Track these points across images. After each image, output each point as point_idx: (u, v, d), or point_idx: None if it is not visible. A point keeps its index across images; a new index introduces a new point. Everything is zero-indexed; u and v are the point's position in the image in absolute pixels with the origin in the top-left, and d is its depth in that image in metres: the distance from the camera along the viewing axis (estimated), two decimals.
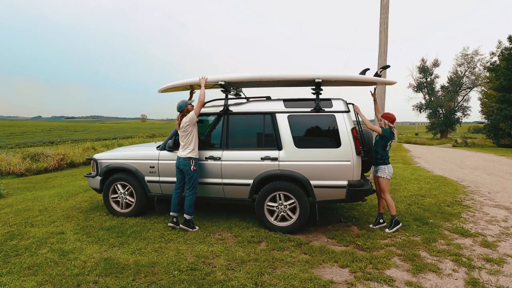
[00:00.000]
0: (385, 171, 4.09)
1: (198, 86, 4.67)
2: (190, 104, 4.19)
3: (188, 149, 4.03)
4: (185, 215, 4.09)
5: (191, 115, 4.01)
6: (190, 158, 4.02)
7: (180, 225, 4.08)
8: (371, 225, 4.27)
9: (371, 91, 4.63)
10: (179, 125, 4.07)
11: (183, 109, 4.09)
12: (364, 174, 4.38)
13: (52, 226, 4.37)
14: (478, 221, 4.55)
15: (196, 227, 4.16)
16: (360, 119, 4.46)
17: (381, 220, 4.27)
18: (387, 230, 4.07)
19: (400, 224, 4.15)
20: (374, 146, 4.21)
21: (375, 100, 4.59)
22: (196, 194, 4.11)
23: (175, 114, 4.17)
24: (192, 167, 4.00)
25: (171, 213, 4.16)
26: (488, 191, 6.59)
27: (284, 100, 4.18)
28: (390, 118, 4.12)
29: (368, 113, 4.84)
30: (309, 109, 4.03)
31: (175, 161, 4.33)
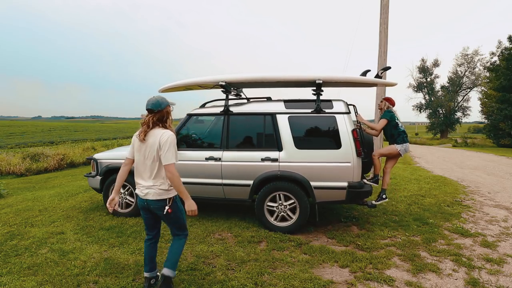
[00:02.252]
0: (403, 146, 4.27)
1: (198, 86, 4.67)
2: (170, 106, 2.60)
3: (160, 180, 2.44)
4: (166, 271, 2.51)
5: (173, 138, 2.43)
6: (164, 199, 2.44)
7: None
8: (373, 201, 4.26)
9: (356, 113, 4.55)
10: (144, 136, 2.44)
11: (162, 110, 2.48)
12: (364, 175, 4.39)
13: (52, 226, 4.37)
14: (478, 221, 4.55)
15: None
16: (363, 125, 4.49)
17: (384, 196, 4.37)
18: (373, 202, 4.17)
19: (386, 199, 4.36)
20: (389, 133, 4.36)
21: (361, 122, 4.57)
22: (187, 237, 2.70)
23: (175, 114, 3.00)
24: (167, 209, 2.43)
25: (145, 275, 2.67)
26: (488, 191, 6.59)
27: (285, 101, 4.19)
28: (390, 101, 4.47)
29: (368, 113, 4.85)
30: (309, 110, 4.03)
31: None
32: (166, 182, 2.43)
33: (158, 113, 2.48)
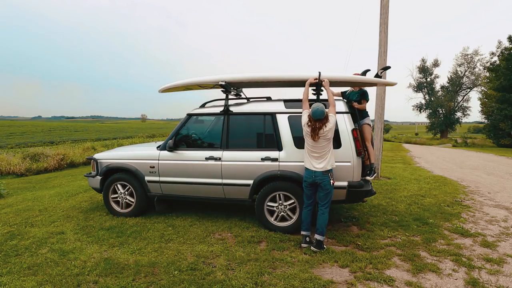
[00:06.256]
0: (370, 118, 4.53)
1: (198, 86, 4.67)
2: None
3: (327, 160, 3.50)
4: (317, 236, 3.52)
5: (334, 119, 3.52)
6: (329, 170, 3.50)
7: (312, 248, 3.51)
8: (367, 177, 4.20)
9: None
10: (318, 134, 3.46)
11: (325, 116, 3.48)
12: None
13: (52, 226, 4.37)
14: (478, 221, 4.55)
15: (325, 246, 3.58)
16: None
17: (368, 171, 4.31)
18: (367, 177, 4.13)
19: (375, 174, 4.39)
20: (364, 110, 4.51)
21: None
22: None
23: (175, 114, 3.29)
24: (331, 180, 3.50)
25: (302, 232, 3.64)
26: (488, 191, 6.59)
27: (285, 101, 4.19)
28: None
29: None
30: None
31: (175, 161, 4.32)
32: (329, 163, 3.52)
33: (323, 120, 3.48)
